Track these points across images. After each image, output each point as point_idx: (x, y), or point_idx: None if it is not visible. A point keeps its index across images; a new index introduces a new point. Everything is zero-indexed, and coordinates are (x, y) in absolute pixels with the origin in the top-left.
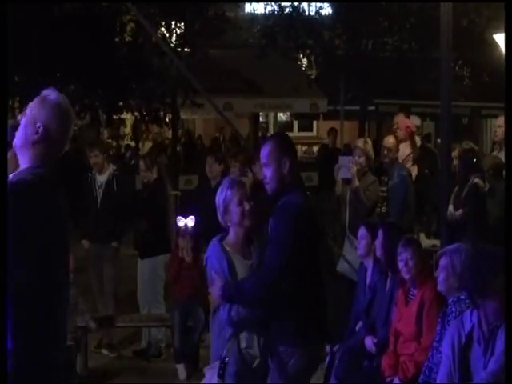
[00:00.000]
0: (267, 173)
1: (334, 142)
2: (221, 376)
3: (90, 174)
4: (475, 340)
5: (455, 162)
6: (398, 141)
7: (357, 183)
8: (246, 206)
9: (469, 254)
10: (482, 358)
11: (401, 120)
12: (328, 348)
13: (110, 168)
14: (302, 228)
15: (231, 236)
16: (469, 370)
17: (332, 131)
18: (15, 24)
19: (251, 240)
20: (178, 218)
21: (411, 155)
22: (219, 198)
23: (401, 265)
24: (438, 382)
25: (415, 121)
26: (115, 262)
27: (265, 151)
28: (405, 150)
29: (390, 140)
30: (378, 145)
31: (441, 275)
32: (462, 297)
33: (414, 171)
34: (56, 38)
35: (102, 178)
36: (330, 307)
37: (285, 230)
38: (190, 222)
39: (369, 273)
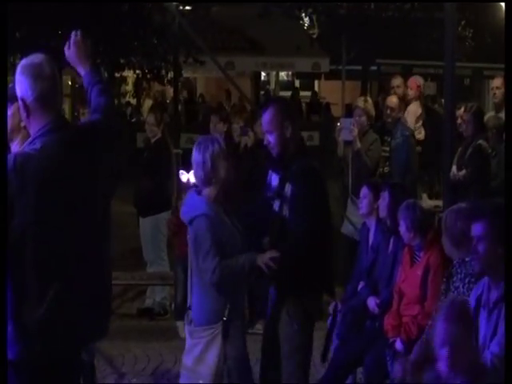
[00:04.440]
0: (271, 139)
1: None
2: (225, 336)
3: None
4: (482, 304)
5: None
6: (408, 100)
7: (358, 145)
8: (231, 161)
9: (458, 213)
10: (485, 324)
11: (412, 79)
12: (330, 308)
13: None
14: (322, 189)
15: (212, 192)
16: (477, 332)
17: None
18: None
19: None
20: (181, 171)
21: (422, 115)
22: (204, 154)
23: (402, 230)
24: None
25: (419, 80)
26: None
27: (266, 118)
28: (417, 109)
29: (393, 100)
30: (379, 105)
31: (443, 237)
32: (467, 259)
33: (423, 131)
34: None
35: None
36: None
37: (309, 196)
38: (192, 176)
39: (371, 233)
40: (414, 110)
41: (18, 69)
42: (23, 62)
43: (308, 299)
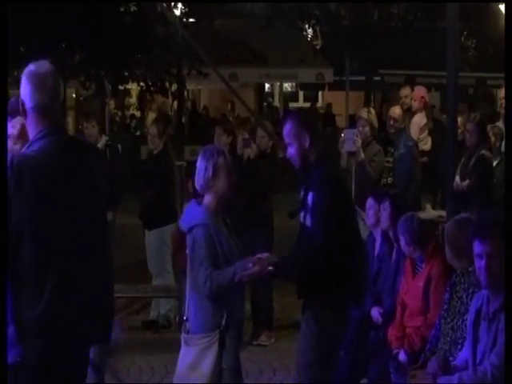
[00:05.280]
0: (291, 150)
1: None
2: (221, 345)
3: None
4: (482, 316)
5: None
6: (413, 111)
7: (362, 156)
8: (233, 176)
9: (460, 223)
10: (486, 336)
11: (416, 91)
12: None
13: (103, 139)
14: (341, 197)
15: (212, 201)
16: (477, 345)
17: None
18: None
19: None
20: (189, 184)
21: (427, 125)
22: (207, 162)
23: (402, 244)
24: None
25: (423, 91)
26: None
27: (285, 130)
28: (421, 120)
29: (396, 110)
30: (383, 115)
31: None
32: (470, 269)
33: (429, 142)
34: (61, 8)
35: None
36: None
37: (326, 202)
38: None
39: (377, 243)
40: (417, 121)
41: (25, 71)
42: (30, 67)
43: (324, 312)
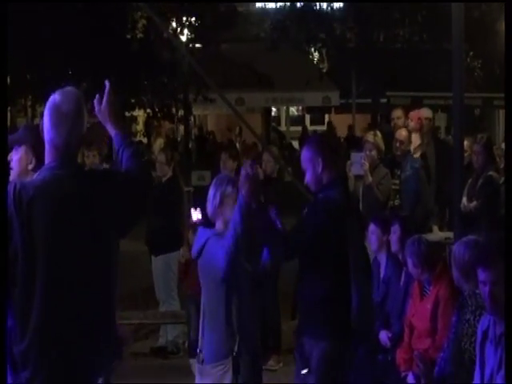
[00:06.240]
0: (307, 175)
1: None
2: (236, 372)
3: None
4: (489, 339)
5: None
6: (409, 130)
7: (370, 179)
8: None
9: (467, 245)
10: (492, 358)
11: (413, 112)
12: None
13: (103, 167)
14: (332, 223)
15: (222, 228)
16: (484, 366)
17: None
18: (27, 22)
19: None
20: (192, 211)
21: (420, 146)
22: (216, 189)
23: (410, 266)
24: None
25: (427, 113)
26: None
27: (302, 156)
28: (416, 140)
29: (402, 133)
30: (389, 137)
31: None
32: (477, 291)
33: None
34: (68, 36)
35: None
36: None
37: (312, 220)
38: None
39: (382, 267)
40: (412, 140)
41: (50, 99)
42: (56, 97)
43: (316, 343)
